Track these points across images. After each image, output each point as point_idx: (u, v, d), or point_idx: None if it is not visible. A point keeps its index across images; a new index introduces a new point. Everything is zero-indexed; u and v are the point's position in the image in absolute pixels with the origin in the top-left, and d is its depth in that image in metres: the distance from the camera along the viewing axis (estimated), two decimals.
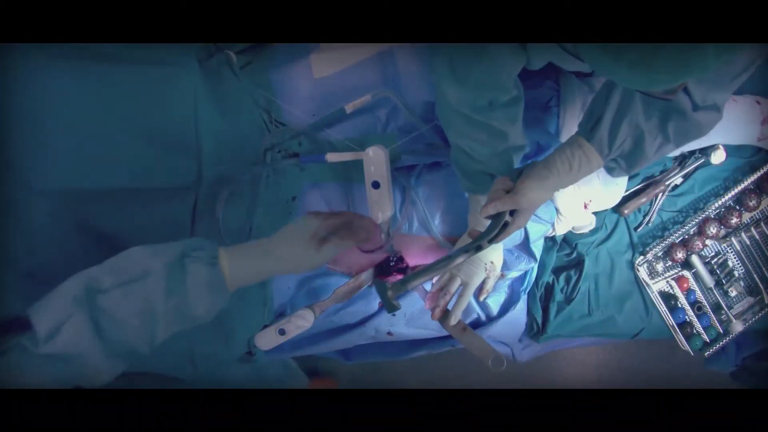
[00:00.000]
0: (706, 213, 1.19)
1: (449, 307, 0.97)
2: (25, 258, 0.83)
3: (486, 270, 0.96)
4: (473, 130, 0.84)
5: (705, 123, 0.82)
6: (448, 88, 0.82)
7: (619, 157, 0.85)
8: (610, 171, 0.89)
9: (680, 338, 1.23)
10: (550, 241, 1.19)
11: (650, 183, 1.19)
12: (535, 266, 1.13)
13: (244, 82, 1.00)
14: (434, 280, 0.99)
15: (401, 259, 1.07)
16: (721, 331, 1.23)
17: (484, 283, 1.00)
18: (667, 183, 1.18)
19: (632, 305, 1.21)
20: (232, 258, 0.72)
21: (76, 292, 0.65)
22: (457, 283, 0.95)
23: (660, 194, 1.19)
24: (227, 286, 0.72)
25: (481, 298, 1.09)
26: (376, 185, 0.96)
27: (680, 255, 1.20)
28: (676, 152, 1.17)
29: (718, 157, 1.15)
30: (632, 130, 0.81)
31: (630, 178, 1.16)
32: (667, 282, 1.22)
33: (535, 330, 1.20)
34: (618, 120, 0.80)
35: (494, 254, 0.97)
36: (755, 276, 1.21)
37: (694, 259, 1.21)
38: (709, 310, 1.22)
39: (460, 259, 0.85)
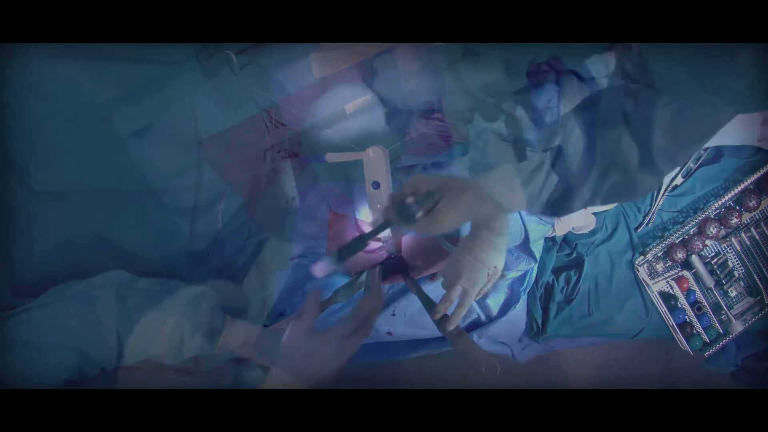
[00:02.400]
0: (706, 213, 1.19)
1: (448, 312, 0.97)
2: (24, 258, 0.83)
3: (488, 276, 0.95)
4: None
5: (641, 188, 0.82)
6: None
7: (546, 206, 0.85)
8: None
9: (680, 338, 1.23)
10: (550, 241, 1.19)
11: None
12: (535, 266, 1.13)
13: (244, 82, 1.00)
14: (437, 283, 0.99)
15: (401, 259, 1.07)
16: (721, 331, 1.23)
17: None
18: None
19: (632, 305, 1.21)
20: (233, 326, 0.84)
21: (113, 277, 0.79)
22: (458, 290, 0.94)
23: (661, 195, 1.19)
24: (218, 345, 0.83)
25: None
26: (376, 185, 0.96)
27: (680, 255, 1.20)
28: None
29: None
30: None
31: None
32: (667, 282, 1.22)
33: (535, 330, 1.20)
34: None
35: (498, 259, 0.96)
36: (755, 276, 1.21)
37: (694, 259, 1.21)
38: (709, 310, 1.22)
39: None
